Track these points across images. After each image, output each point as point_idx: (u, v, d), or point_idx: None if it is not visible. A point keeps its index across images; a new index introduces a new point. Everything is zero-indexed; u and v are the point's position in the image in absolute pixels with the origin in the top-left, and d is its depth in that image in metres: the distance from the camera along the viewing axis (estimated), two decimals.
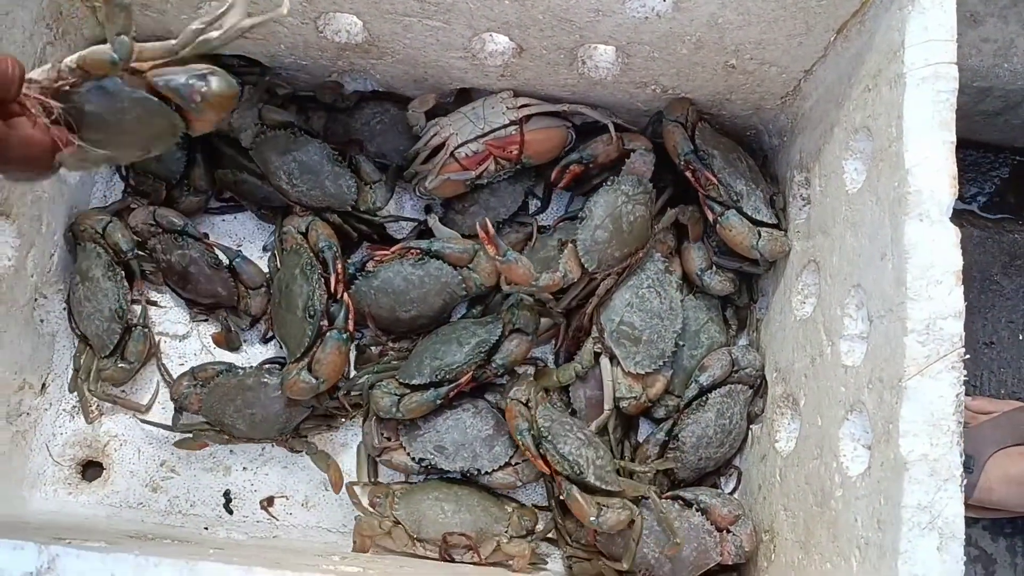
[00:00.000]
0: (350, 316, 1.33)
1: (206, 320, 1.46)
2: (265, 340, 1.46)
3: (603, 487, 1.25)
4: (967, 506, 0.90)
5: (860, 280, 1.07)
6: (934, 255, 0.94)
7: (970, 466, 1.38)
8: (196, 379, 1.38)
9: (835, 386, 1.11)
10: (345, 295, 1.34)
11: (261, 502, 1.40)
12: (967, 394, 1.46)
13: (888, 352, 0.97)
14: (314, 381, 1.30)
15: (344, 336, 1.32)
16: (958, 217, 0.95)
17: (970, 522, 1.34)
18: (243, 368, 1.40)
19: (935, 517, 0.88)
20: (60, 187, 1.36)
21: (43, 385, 1.37)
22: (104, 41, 0.82)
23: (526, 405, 1.31)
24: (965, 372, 0.91)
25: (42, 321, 1.36)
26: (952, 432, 0.89)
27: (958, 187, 0.96)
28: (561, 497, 1.25)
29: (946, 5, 1.01)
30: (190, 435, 1.38)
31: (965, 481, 0.91)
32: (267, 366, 1.41)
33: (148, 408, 1.40)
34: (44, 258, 1.34)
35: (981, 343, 1.59)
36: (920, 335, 0.92)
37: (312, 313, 1.32)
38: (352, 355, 1.40)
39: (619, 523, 1.22)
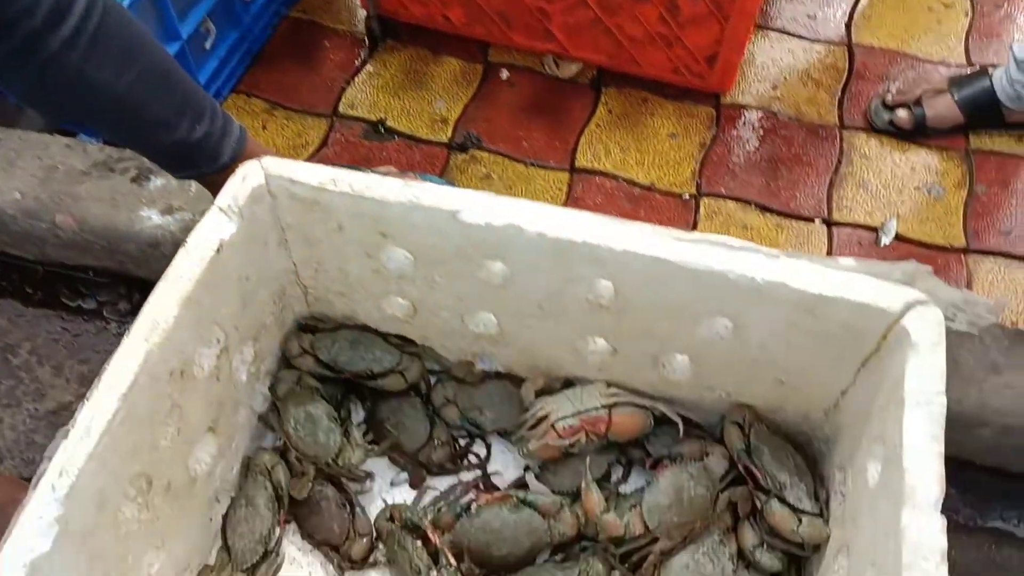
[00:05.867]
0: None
1: (311, 550, 1.72)
2: None
3: None
4: None
5: (875, 558, 1.30)
6: (923, 537, 1.18)
7: None
8: None
9: None
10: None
11: None
12: None
13: None
14: None
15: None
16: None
17: None
18: None
19: None
20: (251, 417, 1.76)
21: (199, 571, 1.67)
22: None
23: None
24: None
25: (211, 520, 1.70)
26: None
27: (946, 487, 1.22)
28: None
29: (937, 350, 1.34)
30: None
31: None
32: None
33: None
34: (227, 470, 1.71)
35: None
36: None
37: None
38: None
39: None
